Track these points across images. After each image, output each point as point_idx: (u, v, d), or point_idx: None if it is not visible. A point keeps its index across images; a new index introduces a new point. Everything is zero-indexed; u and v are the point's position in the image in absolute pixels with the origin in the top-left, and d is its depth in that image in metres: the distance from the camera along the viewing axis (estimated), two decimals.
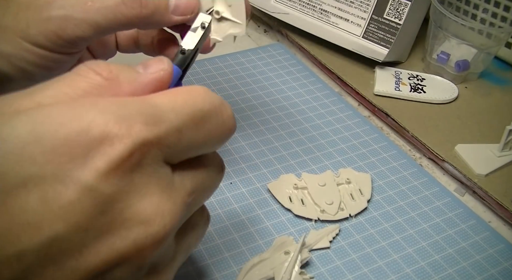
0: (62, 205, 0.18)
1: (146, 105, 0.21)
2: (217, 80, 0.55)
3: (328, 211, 0.40)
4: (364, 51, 0.56)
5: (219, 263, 0.36)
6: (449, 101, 0.53)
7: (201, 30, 0.29)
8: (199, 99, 0.23)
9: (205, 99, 0.23)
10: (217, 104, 0.24)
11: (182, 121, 0.22)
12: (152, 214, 0.20)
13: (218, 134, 0.24)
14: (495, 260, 0.38)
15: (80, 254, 0.19)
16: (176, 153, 0.22)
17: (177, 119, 0.22)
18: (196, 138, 0.23)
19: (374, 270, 0.37)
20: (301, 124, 0.50)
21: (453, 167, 0.45)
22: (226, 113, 0.24)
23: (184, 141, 0.22)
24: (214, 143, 0.24)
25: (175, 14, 0.31)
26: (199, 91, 0.23)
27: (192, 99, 0.23)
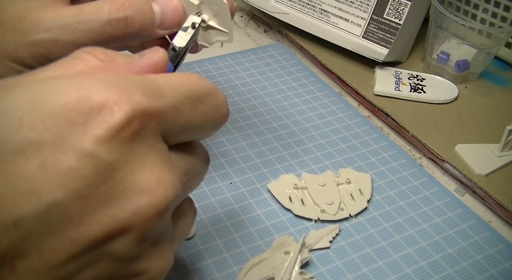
0: (61, 171, 0.18)
1: (145, 80, 0.21)
2: (217, 80, 0.55)
3: (328, 211, 0.40)
4: (364, 51, 0.56)
5: (219, 263, 0.36)
6: (449, 101, 0.53)
7: (191, 29, 0.30)
8: (194, 81, 0.23)
9: (200, 82, 0.24)
10: (211, 88, 0.24)
11: (179, 98, 0.22)
12: (154, 184, 0.20)
13: (212, 117, 0.24)
14: (495, 260, 0.38)
15: (80, 223, 0.19)
16: (173, 132, 0.22)
17: (174, 96, 0.22)
18: (192, 118, 0.23)
19: (374, 270, 0.37)
20: (301, 124, 0.50)
21: (453, 167, 0.45)
22: (219, 98, 0.25)
23: (181, 120, 0.22)
24: (208, 127, 0.24)
25: (161, 28, 0.31)
26: (193, 75, 0.24)
27: (188, 80, 0.23)
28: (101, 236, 0.19)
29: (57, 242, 0.18)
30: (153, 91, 0.21)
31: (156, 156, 0.21)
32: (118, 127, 0.19)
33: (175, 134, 0.22)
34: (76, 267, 0.19)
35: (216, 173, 0.43)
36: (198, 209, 0.40)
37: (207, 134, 0.25)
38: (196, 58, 0.58)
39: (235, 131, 0.48)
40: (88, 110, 0.19)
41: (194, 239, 0.38)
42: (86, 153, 0.18)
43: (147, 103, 0.20)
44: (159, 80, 0.22)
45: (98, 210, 0.19)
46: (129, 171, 0.20)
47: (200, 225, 0.39)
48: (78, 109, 0.19)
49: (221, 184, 0.42)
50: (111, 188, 0.19)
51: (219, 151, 0.46)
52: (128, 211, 0.19)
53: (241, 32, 0.66)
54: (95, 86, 0.19)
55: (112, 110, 0.19)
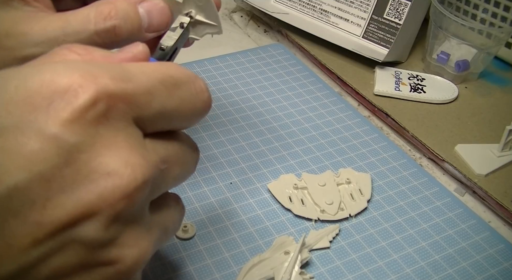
0: (24, 154, 0.18)
1: (115, 65, 0.21)
2: (217, 80, 0.55)
3: (328, 211, 0.40)
4: (364, 51, 0.56)
5: (219, 263, 0.36)
6: (449, 101, 0.53)
7: (180, 29, 0.30)
8: (172, 67, 0.23)
9: (177, 69, 0.23)
10: (191, 75, 0.24)
11: (152, 83, 0.22)
12: (121, 167, 0.20)
13: (191, 104, 0.24)
14: (495, 260, 0.38)
15: (44, 207, 0.18)
16: (148, 117, 0.22)
17: (147, 80, 0.22)
18: (167, 104, 0.22)
19: (374, 270, 0.37)
20: (301, 124, 0.50)
21: (453, 167, 0.45)
22: (199, 84, 0.24)
23: (155, 104, 0.22)
24: (188, 114, 0.24)
25: (149, 32, 0.31)
26: (171, 63, 0.24)
27: (164, 67, 0.23)
28: (66, 220, 0.19)
29: (20, 226, 0.18)
30: (122, 75, 0.21)
31: (125, 139, 0.20)
32: (82, 109, 0.19)
33: (150, 120, 0.22)
34: (41, 253, 0.19)
35: (216, 173, 0.43)
36: (198, 209, 0.40)
37: (188, 122, 0.25)
38: (196, 58, 0.58)
39: (235, 131, 0.48)
40: (52, 93, 0.19)
41: (194, 239, 0.38)
42: (49, 135, 0.18)
43: (113, 86, 0.20)
44: (132, 67, 0.22)
45: (63, 193, 0.19)
46: (95, 154, 0.19)
47: (200, 225, 0.39)
48: (41, 92, 0.19)
49: (221, 184, 0.42)
50: (76, 171, 0.19)
51: (219, 151, 0.46)
52: (94, 194, 0.19)
53: (241, 32, 0.66)
54: (60, 70, 0.19)
55: (76, 92, 0.19)
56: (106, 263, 0.20)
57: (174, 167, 0.24)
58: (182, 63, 0.56)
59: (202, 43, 0.62)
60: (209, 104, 0.25)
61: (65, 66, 0.20)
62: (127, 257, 0.21)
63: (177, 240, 0.37)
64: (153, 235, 0.23)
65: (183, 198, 0.41)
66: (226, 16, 0.69)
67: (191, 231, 0.38)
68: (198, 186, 0.42)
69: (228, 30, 0.65)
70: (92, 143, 0.19)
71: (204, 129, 0.48)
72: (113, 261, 0.21)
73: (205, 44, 0.62)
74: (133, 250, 0.21)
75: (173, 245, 0.37)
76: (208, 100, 0.25)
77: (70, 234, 0.19)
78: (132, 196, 0.20)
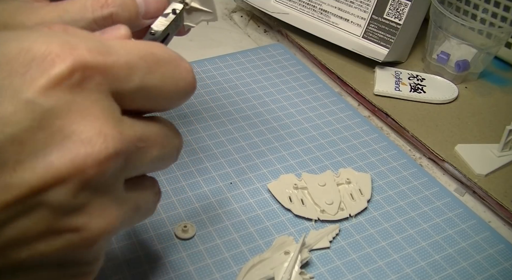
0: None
1: (95, 38, 0.21)
2: (217, 80, 0.55)
3: (328, 211, 0.40)
4: (364, 51, 0.56)
5: (219, 263, 0.36)
6: (449, 101, 0.54)
7: (172, 15, 0.30)
8: (155, 46, 0.23)
9: (160, 47, 0.24)
10: (175, 55, 0.24)
11: (132, 58, 0.22)
12: (94, 135, 0.20)
13: (173, 83, 0.24)
14: (495, 260, 0.38)
15: (14, 169, 0.19)
16: (127, 92, 0.22)
17: (127, 54, 0.22)
18: (148, 80, 0.22)
19: (374, 270, 0.37)
20: (301, 124, 0.50)
21: (453, 167, 0.45)
22: (184, 65, 0.24)
23: (135, 79, 0.22)
24: (169, 94, 0.24)
25: (146, 18, 0.31)
26: (155, 43, 0.24)
27: (147, 44, 0.23)
28: (36, 183, 0.19)
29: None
30: (101, 48, 0.21)
31: (100, 110, 0.20)
32: (58, 78, 0.19)
33: (129, 94, 0.22)
34: (8, 215, 0.19)
35: (216, 173, 0.43)
36: (198, 209, 0.40)
37: (170, 102, 0.25)
38: (196, 58, 0.58)
39: (235, 131, 0.48)
40: (29, 61, 0.19)
41: (194, 239, 0.38)
42: (24, 99, 0.19)
43: (91, 58, 0.20)
44: (112, 42, 0.22)
45: (34, 157, 0.19)
46: (69, 121, 0.20)
47: (200, 225, 0.39)
48: (19, 58, 0.19)
49: (221, 184, 0.42)
50: (49, 136, 0.19)
51: (219, 151, 0.46)
52: (65, 160, 0.19)
53: (241, 32, 0.66)
54: (38, 38, 0.20)
55: (53, 61, 0.19)
56: (71, 230, 0.21)
57: (152, 148, 0.24)
58: None
59: (202, 43, 0.62)
60: (193, 85, 0.25)
61: (44, 34, 0.20)
62: (92, 226, 0.21)
63: (177, 240, 0.37)
64: (122, 210, 0.23)
65: (183, 198, 0.41)
66: (226, 16, 0.69)
67: (191, 231, 0.38)
68: (198, 186, 0.42)
69: (228, 30, 0.65)
70: (67, 110, 0.20)
71: (204, 129, 0.48)
72: (79, 228, 0.21)
73: (205, 44, 0.62)
74: (99, 220, 0.21)
75: (173, 245, 0.37)
76: (192, 81, 0.25)
77: (38, 198, 0.19)
78: (103, 165, 0.20)
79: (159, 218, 0.39)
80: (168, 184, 0.42)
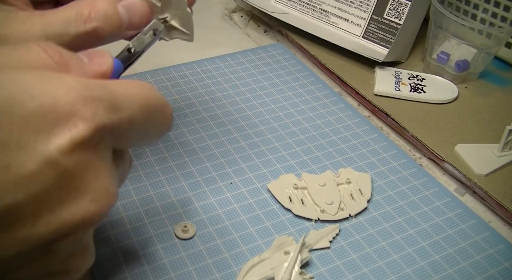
0: (24, 174, 0.19)
1: (107, 90, 0.22)
2: (217, 80, 0.55)
3: (328, 211, 0.40)
4: (364, 51, 0.56)
5: (219, 263, 0.36)
6: (449, 101, 0.54)
7: (151, 35, 0.30)
8: (150, 94, 0.24)
9: (154, 95, 0.25)
10: (163, 102, 0.25)
11: (134, 112, 0.23)
12: (102, 194, 0.21)
13: (158, 129, 0.26)
14: (495, 260, 0.38)
15: (33, 225, 0.20)
16: (122, 141, 0.23)
17: (131, 109, 0.23)
18: (142, 130, 0.24)
19: (374, 270, 0.37)
20: (301, 124, 0.50)
21: (453, 167, 0.45)
22: (168, 111, 0.26)
23: (133, 132, 0.23)
24: (152, 137, 0.26)
25: (129, 30, 0.31)
26: (148, 86, 0.25)
27: (144, 92, 0.24)
28: (49, 236, 0.20)
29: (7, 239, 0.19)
30: (114, 104, 0.22)
31: (106, 167, 0.22)
32: (81, 139, 0.20)
33: (123, 143, 0.24)
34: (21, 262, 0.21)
35: (216, 173, 0.43)
36: (198, 209, 0.40)
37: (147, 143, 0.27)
38: (196, 58, 0.58)
39: (235, 131, 0.48)
40: (55, 119, 0.20)
41: (194, 239, 0.38)
42: (49, 159, 0.19)
43: (108, 119, 0.21)
44: (118, 91, 0.23)
45: (51, 212, 0.20)
46: (85, 181, 0.21)
47: (200, 225, 0.39)
48: (46, 116, 0.20)
49: (221, 184, 0.42)
50: (66, 194, 0.20)
51: (219, 151, 0.46)
52: (77, 217, 0.21)
53: (241, 32, 0.66)
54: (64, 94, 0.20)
55: (77, 124, 0.20)
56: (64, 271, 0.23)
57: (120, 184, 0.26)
58: (183, 63, 0.57)
59: (202, 43, 0.62)
60: (170, 128, 0.27)
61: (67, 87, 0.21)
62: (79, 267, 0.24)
63: (177, 240, 0.37)
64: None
65: (183, 198, 0.41)
66: (226, 16, 0.69)
67: (191, 231, 0.38)
68: (198, 186, 0.42)
69: (228, 30, 0.65)
70: (85, 170, 0.21)
71: (204, 129, 0.48)
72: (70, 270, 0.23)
73: (205, 44, 0.62)
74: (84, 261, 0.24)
75: (173, 245, 0.37)
76: (171, 125, 0.26)
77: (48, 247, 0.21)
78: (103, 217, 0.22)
79: (159, 218, 0.39)
80: (168, 184, 0.42)
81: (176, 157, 0.45)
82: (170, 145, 0.46)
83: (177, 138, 0.47)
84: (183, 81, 0.54)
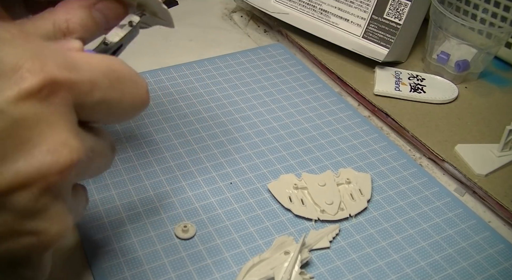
0: None
1: (62, 53, 0.23)
2: (217, 80, 0.55)
3: (328, 211, 0.40)
4: (364, 51, 0.56)
5: (219, 263, 0.36)
6: (449, 101, 0.53)
7: (128, 27, 0.30)
8: (116, 62, 0.25)
9: (121, 64, 0.25)
10: (133, 73, 0.26)
11: (96, 74, 0.23)
12: (60, 146, 0.21)
13: (131, 99, 0.26)
14: (495, 260, 0.38)
15: None
16: (88, 106, 0.23)
17: (91, 71, 0.23)
18: (108, 96, 0.24)
19: (374, 270, 0.37)
20: (301, 124, 0.50)
21: (453, 167, 0.45)
22: (141, 82, 0.26)
23: (97, 95, 0.23)
24: (126, 110, 0.26)
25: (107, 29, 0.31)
26: (115, 58, 0.25)
27: (109, 61, 0.25)
28: (3, 188, 0.20)
29: None
30: (68, 63, 0.22)
31: (65, 123, 0.22)
32: (29, 92, 0.21)
33: (89, 109, 0.24)
34: None
35: (216, 173, 0.43)
36: (198, 209, 0.40)
37: (123, 117, 0.26)
38: (196, 58, 0.58)
39: (235, 131, 0.48)
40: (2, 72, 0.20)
41: (194, 239, 0.38)
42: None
43: (60, 74, 0.22)
44: (77, 56, 0.23)
45: (3, 163, 0.20)
46: (37, 132, 0.21)
47: (200, 225, 0.39)
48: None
49: (221, 184, 0.42)
50: (18, 144, 0.21)
51: (219, 151, 0.46)
52: (32, 166, 0.21)
53: (241, 32, 0.66)
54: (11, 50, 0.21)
55: (25, 76, 0.21)
56: (32, 233, 0.22)
57: (96, 157, 0.25)
58: (183, 63, 0.57)
59: (202, 43, 0.62)
60: (147, 102, 0.27)
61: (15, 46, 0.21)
62: (50, 230, 0.23)
63: (177, 240, 0.37)
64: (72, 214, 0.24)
65: (183, 198, 0.41)
66: (226, 16, 0.69)
67: (191, 231, 0.38)
68: (198, 186, 0.42)
69: (228, 30, 0.65)
70: (36, 121, 0.21)
71: (204, 129, 0.48)
72: (38, 232, 0.22)
73: (205, 44, 0.62)
74: (57, 224, 0.23)
75: (173, 245, 0.37)
76: (146, 98, 0.26)
77: (3, 200, 0.21)
78: (65, 173, 0.22)
79: (159, 218, 0.39)
80: (168, 184, 0.42)
81: (176, 157, 0.45)
82: (170, 145, 0.46)
83: (177, 138, 0.47)
84: (183, 81, 0.54)
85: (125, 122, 0.48)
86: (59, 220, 0.23)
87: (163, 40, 0.61)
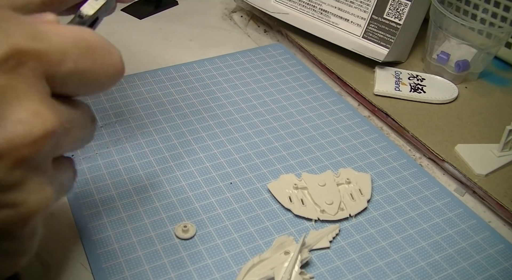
0: None
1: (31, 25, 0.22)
2: (217, 80, 0.55)
3: (328, 211, 0.40)
4: (364, 51, 0.56)
5: (219, 263, 0.36)
6: (449, 101, 0.54)
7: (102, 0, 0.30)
8: (86, 31, 0.24)
9: (92, 33, 0.24)
10: (105, 42, 0.25)
11: (65, 44, 0.23)
12: (31, 116, 0.21)
13: (104, 68, 0.25)
14: (495, 260, 0.38)
15: None
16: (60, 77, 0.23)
17: (60, 40, 0.23)
18: (80, 66, 0.24)
19: (374, 270, 0.37)
20: (301, 124, 0.50)
21: (453, 167, 0.45)
22: (113, 51, 0.25)
23: (68, 65, 0.23)
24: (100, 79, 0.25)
25: None
26: (86, 28, 0.25)
27: (79, 30, 0.24)
28: None
29: None
30: (36, 34, 0.22)
31: (35, 93, 0.21)
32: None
33: (61, 79, 0.23)
34: None
35: (216, 173, 0.43)
36: (198, 209, 0.40)
37: (98, 87, 0.26)
38: (196, 58, 0.58)
39: (235, 131, 0.48)
40: None
41: (194, 239, 0.38)
42: None
43: (26, 44, 0.21)
44: (46, 27, 0.23)
45: None
46: (6, 103, 0.20)
47: (200, 225, 0.39)
48: None
49: (221, 184, 0.42)
50: None
51: (219, 151, 0.46)
52: (2, 139, 0.20)
53: (241, 32, 0.66)
54: None
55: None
56: (9, 205, 0.22)
57: (75, 129, 0.25)
58: (183, 63, 0.57)
59: (202, 43, 0.62)
60: (122, 71, 0.26)
61: None
62: (29, 202, 0.22)
63: (177, 240, 0.37)
64: (53, 187, 0.24)
65: (183, 198, 0.41)
66: (226, 16, 0.69)
67: (191, 231, 0.38)
68: (198, 186, 0.42)
69: (228, 30, 0.65)
70: (3, 93, 0.20)
71: (204, 129, 0.48)
72: (16, 204, 0.22)
73: (205, 44, 0.62)
74: (35, 196, 0.22)
75: (173, 245, 0.37)
76: (120, 66, 0.26)
77: None
78: (39, 144, 0.21)
79: (159, 218, 0.39)
80: (168, 184, 0.42)
81: (176, 157, 0.45)
82: (170, 145, 0.46)
83: (177, 138, 0.47)
84: (183, 81, 0.54)
85: (125, 122, 0.48)
86: (38, 192, 0.22)
87: (163, 40, 0.61)
